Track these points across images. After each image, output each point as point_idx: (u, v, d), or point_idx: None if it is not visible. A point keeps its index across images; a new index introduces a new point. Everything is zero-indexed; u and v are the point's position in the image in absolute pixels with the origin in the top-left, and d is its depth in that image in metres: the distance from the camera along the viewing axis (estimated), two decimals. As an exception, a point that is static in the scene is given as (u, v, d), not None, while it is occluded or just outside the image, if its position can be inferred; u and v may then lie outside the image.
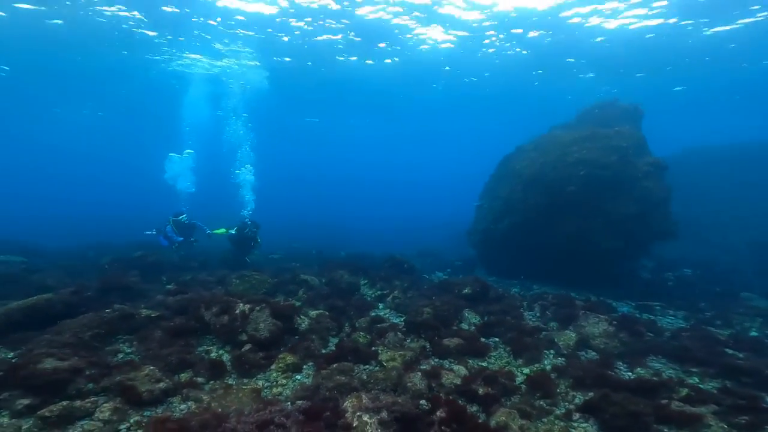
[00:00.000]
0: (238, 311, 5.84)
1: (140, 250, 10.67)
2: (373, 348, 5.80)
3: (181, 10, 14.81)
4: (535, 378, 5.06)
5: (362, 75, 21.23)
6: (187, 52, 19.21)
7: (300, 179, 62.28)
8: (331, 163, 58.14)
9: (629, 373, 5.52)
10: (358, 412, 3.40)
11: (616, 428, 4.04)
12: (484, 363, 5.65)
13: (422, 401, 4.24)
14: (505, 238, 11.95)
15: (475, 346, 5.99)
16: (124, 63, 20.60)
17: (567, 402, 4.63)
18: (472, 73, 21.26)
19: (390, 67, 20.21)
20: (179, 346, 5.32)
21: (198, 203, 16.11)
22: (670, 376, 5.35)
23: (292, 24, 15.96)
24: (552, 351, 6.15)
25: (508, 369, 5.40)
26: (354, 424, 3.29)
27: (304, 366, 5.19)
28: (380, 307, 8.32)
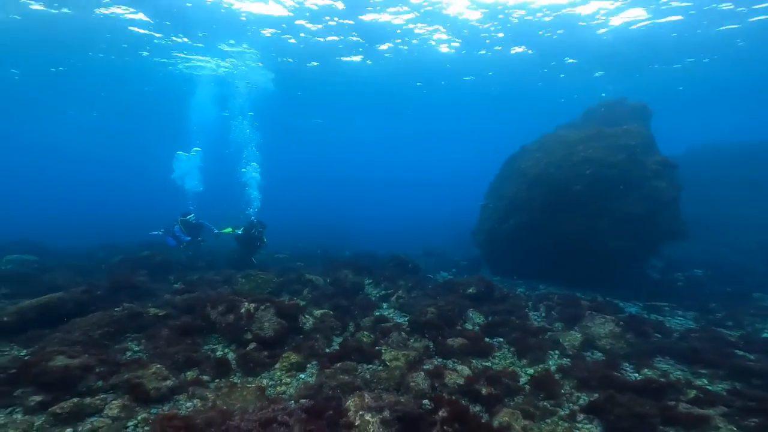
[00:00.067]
0: (243, 310, 5.91)
1: (148, 250, 10.84)
2: (377, 347, 5.82)
3: (187, 12, 14.99)
4: (539, 378, 5.02)
5: (365, 75, 21.27)
6: (193, 53, 19.44)
7: (305, 179, 62.59)
8: (335, 163, 58.33)
9: (636, 374, 5.46)
10: (361, 411, 3.42)
11: (621, 429, 4.00)
12: (488, 363, 5.64)
13: (425, 401, 4.26)
14: (510, 237, 11.88)
15: (479, 346, 5.97)
16: (132, 66, 20.94)
17: (571, 403, 4.60)
18: (474, 72, 21.17)
19: (393, 67, 20.20)
20: (186, 345, 5.40)
21: (205, 203, 16.31)
22: (678, 378, 5.28)
23: (297, 24, 16.06)
24: (557, 351, 6.11)
25: (512, 369, 5.37)
26: (356, 423, 3.31)
27: (308, 365, 5.23)
28: (384, 306, 8.33)
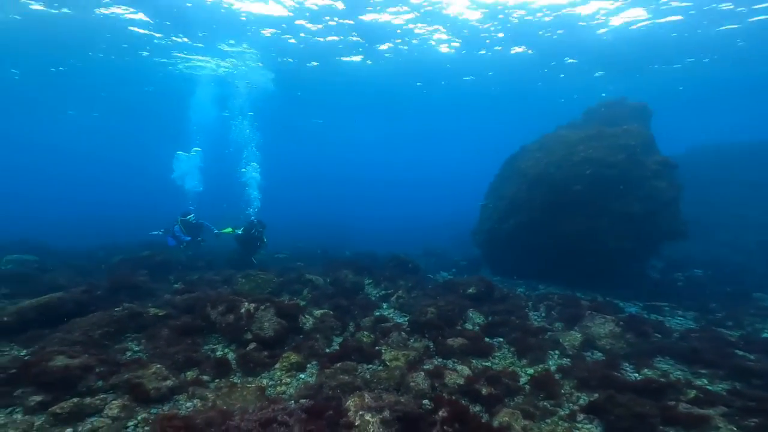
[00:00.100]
0: (243, 310, 5.91)
1: (148, 250, 10.84)
2: (377, 347, 5.82)
3: (187, 12, 14.99)
4: (539, 378, 5.03)
5: (365, 74, 21.27)
6: (193, 53, 19.44)
7: (305, 179, 62.61)
8: (335, 163, 58.35)
9: (636, 374, 5.46)
10: (360, 411, 3.42)
11: (621, 429, 4.00)
12: (488, 363, 5.64)
13: (425, 401, 4.26)
14: (510, 237, 11.88)
15: (479, 346, 5.98)
16: (132, 66, 20.94)
17: (571, 403, 4.60)
18: (474, 72, 21.17)
19: (393, 67, 20.21)
20: (186, 345, 5.40)
21: (205, 203, 16.33)
22: (678, 378, 5.28)
23: (297, 24, 16.06)
24: (557, 351, 6.11)
25: (512, 369, 5.37)
26: (356, 423, 3.31)
27: (308, 365, 5.23)
28: (384, 306, 8.33)
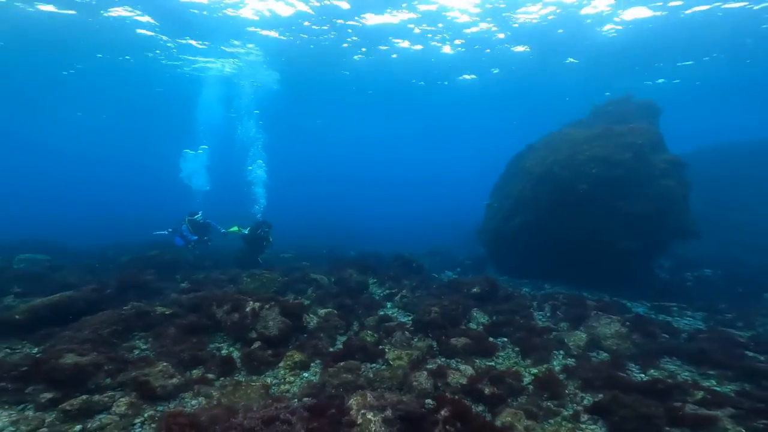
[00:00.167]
0: (248, 309, 5.97)
1: (156, 249, 10.99)
2: (381, 347, 5.84)
3: (193, 14, 15.14)
4: (542, 378, 4.99)
5: (370, 74, 21.27)
6: (199, 55, 19.64)
7: (310, 178, 62.89)
8: (340, 162, 58.48)
9: (642, 374, 5.40)
10: (363, 410, 3.44)
11: (626, 430, 3.96)
12: (492, 363, 5.62)
13: (428, 400, 4.27)
14: (515, 236, 11.81)
15: (483, 346, 5.96)
16: (139, 68, 21.22)
17: (575, 403, 4.57)
18: (477, 71, 21.05)
19: (397, 66, 20.18)
20: (192, 343, 5.48)
21: (212, 202, 16.51)
22: (685, 379, 5.22)
23: (302, 25, 16.11)
24: (562, 351, 6.07)
25: (515, 369, 5.35)
26: (358, 422, 3.33)
27: (312, 364, 5.27)
28: (388, 306, 8.35)
